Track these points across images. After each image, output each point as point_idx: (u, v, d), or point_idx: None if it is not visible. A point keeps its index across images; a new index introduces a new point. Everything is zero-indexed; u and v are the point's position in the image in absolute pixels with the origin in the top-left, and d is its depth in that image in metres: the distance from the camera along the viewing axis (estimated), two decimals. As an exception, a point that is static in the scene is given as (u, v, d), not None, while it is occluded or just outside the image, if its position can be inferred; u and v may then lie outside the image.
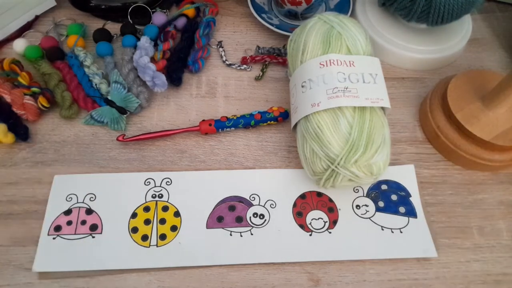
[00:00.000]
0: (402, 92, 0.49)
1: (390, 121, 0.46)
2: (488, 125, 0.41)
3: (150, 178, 0.41)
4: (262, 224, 0.39)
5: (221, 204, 0.40)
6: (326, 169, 0.36)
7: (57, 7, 0.53)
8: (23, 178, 0.41)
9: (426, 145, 0.45)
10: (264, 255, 0.37)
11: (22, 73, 0.45)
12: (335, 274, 0.37)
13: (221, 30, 0.54)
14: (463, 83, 0.44)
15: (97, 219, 0.38)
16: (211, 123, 0.43)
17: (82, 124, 0.44)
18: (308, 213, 0.39)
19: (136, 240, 0.37)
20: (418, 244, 0.38)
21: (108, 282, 0.35)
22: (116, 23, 0.53)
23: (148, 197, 0.40)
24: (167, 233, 0.38)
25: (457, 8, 0.44)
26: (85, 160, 0.42)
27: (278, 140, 0.45)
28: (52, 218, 0.38)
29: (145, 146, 0.43)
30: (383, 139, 0.36)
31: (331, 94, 0.36)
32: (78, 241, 0.37)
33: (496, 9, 0.59)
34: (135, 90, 0.45)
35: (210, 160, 0.43)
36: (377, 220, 0.39)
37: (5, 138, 0.41)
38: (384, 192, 0.41)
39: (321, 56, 0.38)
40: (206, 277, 0.36)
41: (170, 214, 0.39)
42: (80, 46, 0.49)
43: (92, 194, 0.40)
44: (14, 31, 0.50)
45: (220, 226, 0.38)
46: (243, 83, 0.49)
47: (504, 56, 0.54)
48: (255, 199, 0.40)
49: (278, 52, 0.51)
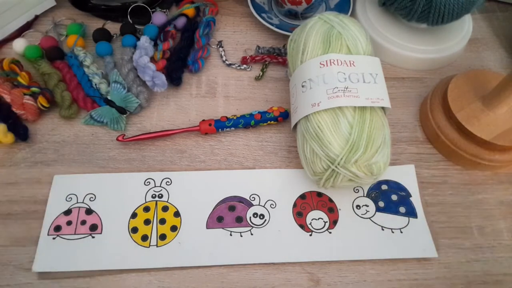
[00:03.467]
0: (402, 92, 0.49)
1: (391, 121, 0.46)
2: (488, 125, 0.41)
3: (150, 178, 0.41)
4: (262, 224, 0.39)
5: (221, 204, 0.40)
6: (326, 169, 0.36)
7: (57, 7, 0.53)
8: (22, 178, 0.40)
9: (426, 145, 0.45)
10: (264, 255, 0.37)
11: (22, 73, 0.45)
12: (335, 274, 0.37)
13: (221, 30, 0.54)
14: (463, 83, 0.44)
15: (97, 219, 0.38)
16: (211, 123, 0.43)
17: (82, 124, 0.44)
18: (308, 213, 0.39)
19: (136, 240, 0.37)
20: (418, 244, 0.38)
21: (108, 282, 0.35)
22: (116, 23, 0.53)
23: (148, 197, 0.40)
24: (167, 233, 0.38)
25: (458, 7, 0.44)
26: (85, 160, 0.42)
27: (278, 140, 0.45)
28: (52, 218, 0.38)
29: (145, 146, 0.43)
30: (384, 139, 0.36)
31: (331, 94, 0.36)
32: (78, 241, 0.37)
33: (497, 9, 0.59)
34: (135, 90, 0.45)
35: (210, 160, 0.43)
36: (377, 220, 0.39)
37: (4, 138, 0.41)
38: (384, 192, 0.41)
39: (321, 56, 0.38)
40: (206, 277, 0.36)
41: (170, 214, 0.39)
42: (79, 46, 0.49)
43: (92, 194, 0.40)
44: (13, 31, 0.50)
45: (220, 226, 0.38)
46: (243, 83, 0.49)
47: (504, 56, 0.54)
48: (255, 199, 0.40)
49: (278, 52, 0.51)
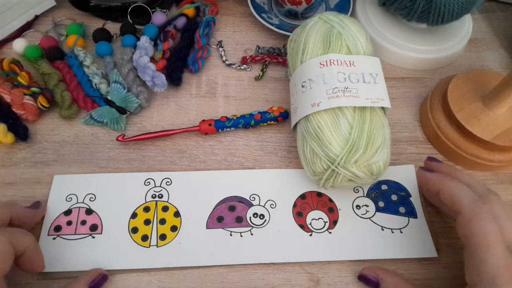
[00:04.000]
0: (402, 92, 0.49)
1: (390, 121, 0.46)
2: (488, 125, 0.41)
3: (150, 178, 0.41)
4: (262, 224, 0.39)
5: (221, 204, 0.40)
6: (326, 169, 0.36)
7: (57, 7, 0.53)
8: (22, 178, 0.40)
9: (426, 145, 0.45)
10: (264, 255, 0.37)
11: (22, 73, 0.45)
12: (335, 274, 0.37)
13: (221, 30, 0.54)
14: (463, 83, 0.44)
15: (97, 219, 0.38)
16: (211, 123, 0.43)
17: (82, 124, 0.44)
18: (308, 213, 0.39)
19: (136, 240, 0.37)
20: (418, 244, 0.38)
21: (108, 283, 0.35)
22: (116, 23, 0.52)
23: (148, 197, 0.40)
24: (167, 233, 0.38)
25: (458, 7, 0.44)
26: (84, 160, 0.42)
27: (278, 140, 0.45)
28: (52, 218, 0.38)
29: (145, 146, 0.43)
30: (383, 139, 0.36)
31: (331, 94, 0.36)
32: (78, 241, 0.37)
33: (497, 8, 0.59)
34: (135, 90, 0.45)
35: (210, 160, 0.43)
36: (377, 220, 0.39)
37: (4, 138, 0.41)
38: (384, 192, 0.41)
39: (321, 56, 0.38)
40: (206, 277, 0.36)
41: (170, 214, 0.39)
42: (79, 46, 0.49)
43: (92, 194, 0.40)
44: (13, 31, 0.50)
45: (220, 226, 0.38)
46: (243, 83, 0.49)
47: (504, 56, 0.54)
48: (255, 199, 0.40)
49: (278, 52, 0.51)
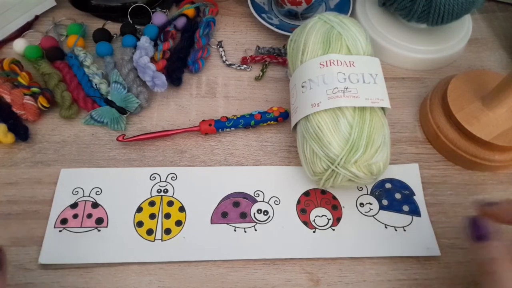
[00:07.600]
0: (402, 92, 0.49)
1: (390, 121, 0.46)
2: (488, 125, 0.41)
3: (155, 173, 0.41)
4: (266, 220, 0.39)
5: (225, 200, 0.40)
6: (326, 169, 0.36)
7: (57, 7, 0.53)
8: (23, 178, 0.41)
9: (426, 145, 0.45)
10: (267, 251, 0.37)
11: (22, 73, 0.45)
12: (335, 274, 0.37)
13: (221, 30, 0.54)
14: (463, 83, 0.44)
15: (103, 213, 0.38)
16: (211, 123, 0.43)
17: (82, 124, 0.44)
18: (312, 210, 0.39)
19: (141, 234, 0.38)
20: (422, 243, 0.38)
21: (108, 282, 0.35)
22: (116, 23, 0.53)
23: (154, 191, 0.40)
24: (172, 227, 0.38)
25: (457, 8, 0.44)
26: (85, 160, 0.42)
27: (278, 140, 0.45)
28: (59, 211, 0.38)
29: (145, 146, 0.43)
30: (383, 139, 0.36)
31: (331, 94, 0.36)
32: (83, 234, 0.37)
33: (497, 9, 0.59)
34: (135, 90, 0.45)
35: (210, 160, 0.43)
36: (381, 218, 0.39)
37: (5, 138, 0.41)
38: (388, 191, 0.41)
39: (321, 56, 0.38)
40: (206, 277, 0.36)
41: (175, 209, 0.39)
42: (80, 46, 0.49)
43: (98, 188, 0.40)
44: (14, 31, 0.50)
45: (225, 222, 0.39)
46: (243, 83, 0.49)
47: (504, 56, 0.54)
48: (259, 195, 0.40)
49: (278, 52, 0.51)
